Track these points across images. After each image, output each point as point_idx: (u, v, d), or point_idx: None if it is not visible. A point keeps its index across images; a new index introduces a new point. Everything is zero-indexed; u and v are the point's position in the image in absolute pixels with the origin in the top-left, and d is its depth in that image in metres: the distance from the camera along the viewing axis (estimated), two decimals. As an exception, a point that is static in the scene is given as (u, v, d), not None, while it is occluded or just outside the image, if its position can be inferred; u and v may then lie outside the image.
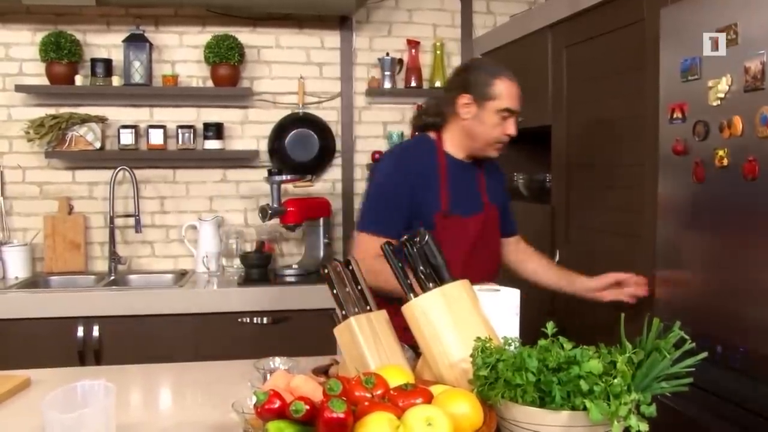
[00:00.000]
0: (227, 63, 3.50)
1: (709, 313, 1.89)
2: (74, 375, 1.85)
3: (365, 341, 1.42)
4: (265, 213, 3.24)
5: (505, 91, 2.12)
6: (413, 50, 3.73)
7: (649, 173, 2.25)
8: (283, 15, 3.65)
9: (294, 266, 3.42)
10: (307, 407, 1.04)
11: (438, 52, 3.76)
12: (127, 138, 3.50)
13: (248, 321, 3.08)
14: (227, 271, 3.56)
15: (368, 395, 1.16)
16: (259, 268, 3.39)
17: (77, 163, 3.58)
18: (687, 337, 1.20)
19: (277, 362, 1.70)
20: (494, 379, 1.20)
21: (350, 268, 1.54)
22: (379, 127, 3.81)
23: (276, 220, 3.39)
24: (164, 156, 3.57)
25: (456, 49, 3.86)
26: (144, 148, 3.55)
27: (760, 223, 1.72)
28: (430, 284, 1.47)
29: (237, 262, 3.56)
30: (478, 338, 1.29)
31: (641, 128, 2.31)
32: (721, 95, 1.84)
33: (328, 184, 3.78)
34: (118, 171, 3.45)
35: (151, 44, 3.53)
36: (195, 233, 3.60)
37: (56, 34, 3.43)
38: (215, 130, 3.55)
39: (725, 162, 1.83)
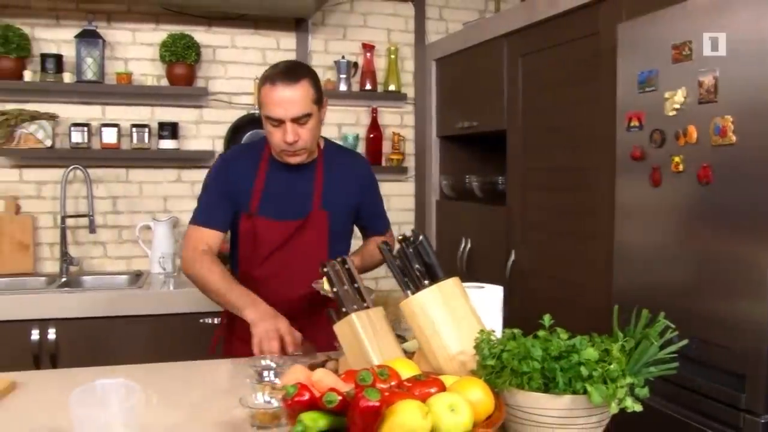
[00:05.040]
0: (183, 62, 3.49)
1: (663, 308, 2.04)
2: (58, 377, 1.85)
3: (367, 336, 1.48)
4: (224, 213, 3.24)
5: (265, 98, 2.03)
6: (368, 54, 3.81)
7: (604, 177, 2.39)
8: (239, 15, 3.66)
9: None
10: (339, 398, 1.10)
11: (392, 56, 3.85)
12: (78, 136, 3.44)
13: (211, 321, 3.08)
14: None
15: (385, 386, 1.22)
16: (216, 268, 3.39)
17: (25, 162, 3.50)
18: (672, 326, 1.32)
19: (268, 361, 1.74)
20: (500, 368, 1.29)
21: (346, 266, 1.60)
22: (334, 128, 3.85)
23: (232, 220, 3.39)
24: (117, 155, 3.52)
25: (409, 53, 3.96)
26: (96, 147, 3.49)
27: (713, 224, 1.88)
28: (426, 281, 1.54)
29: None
30: (482, 330, 1.38)
31: (596, 135, 2.45)
32: (677, 106, 1.99)
33: (284, 184, 3.80)
34: (71, 170, 3.39)
35: (104, 40, 3.48)
36: (149, 233, 3.57)
37: (3, 27, 3.34)
38: (170, 129, 3.53)
39: (681, 167, 1.97)
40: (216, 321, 3.08)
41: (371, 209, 2.41)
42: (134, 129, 3.51)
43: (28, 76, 3.40)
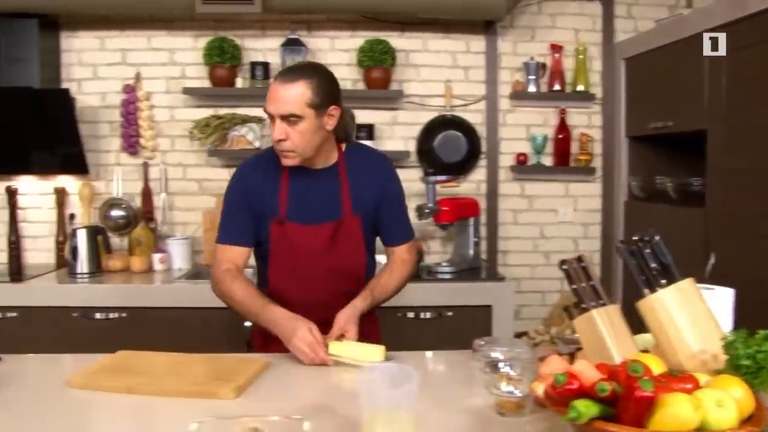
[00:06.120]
0: (381, 66, 3.67)
1: None
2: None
3: (607, 332, 1.54)
4: (421, 212, 3.39)
5: (269, 93, 2.02)
6: (556, 54, 3.83)
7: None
8: (430, 20, 3.79)
9: (444, 264, 3.54)
10: (610, 387, 1.17)
11: (580, 56, 3.84)
12: (282, 138, 3.71)
13: (413, 316, 3.24)
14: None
15: (641, 380, 1.28)
16: (411, 265, 3.55)
17: (235, 162, 3.81)
18: None
19: (497, 352, 1.83)
20: (756, 369, 1.31)
21: (582, 264, 1.66)
22: (523, 129, 3.92)
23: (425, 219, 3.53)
24: (317, 155, 3.76)
25: (597, 53, 3.93)
26: (298, 148, 3.75)
27: None
28: (662, 281, 1.58)
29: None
30: (732, 331, 1.41)
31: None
32: None
33: (473, 184, 3.92)
34: (276, 169, 3.65)
35: (306, 47, 3.73)
36: (343, 228, 3.78)
37: (220, 40, 3.68)
38: (367, 130, 3.72)
39: None
40: (408, 315, 3.23)
41: (389, 213, 2.27)
42: (333, 130, 3.73)
43: (239, 83, 3.73)
